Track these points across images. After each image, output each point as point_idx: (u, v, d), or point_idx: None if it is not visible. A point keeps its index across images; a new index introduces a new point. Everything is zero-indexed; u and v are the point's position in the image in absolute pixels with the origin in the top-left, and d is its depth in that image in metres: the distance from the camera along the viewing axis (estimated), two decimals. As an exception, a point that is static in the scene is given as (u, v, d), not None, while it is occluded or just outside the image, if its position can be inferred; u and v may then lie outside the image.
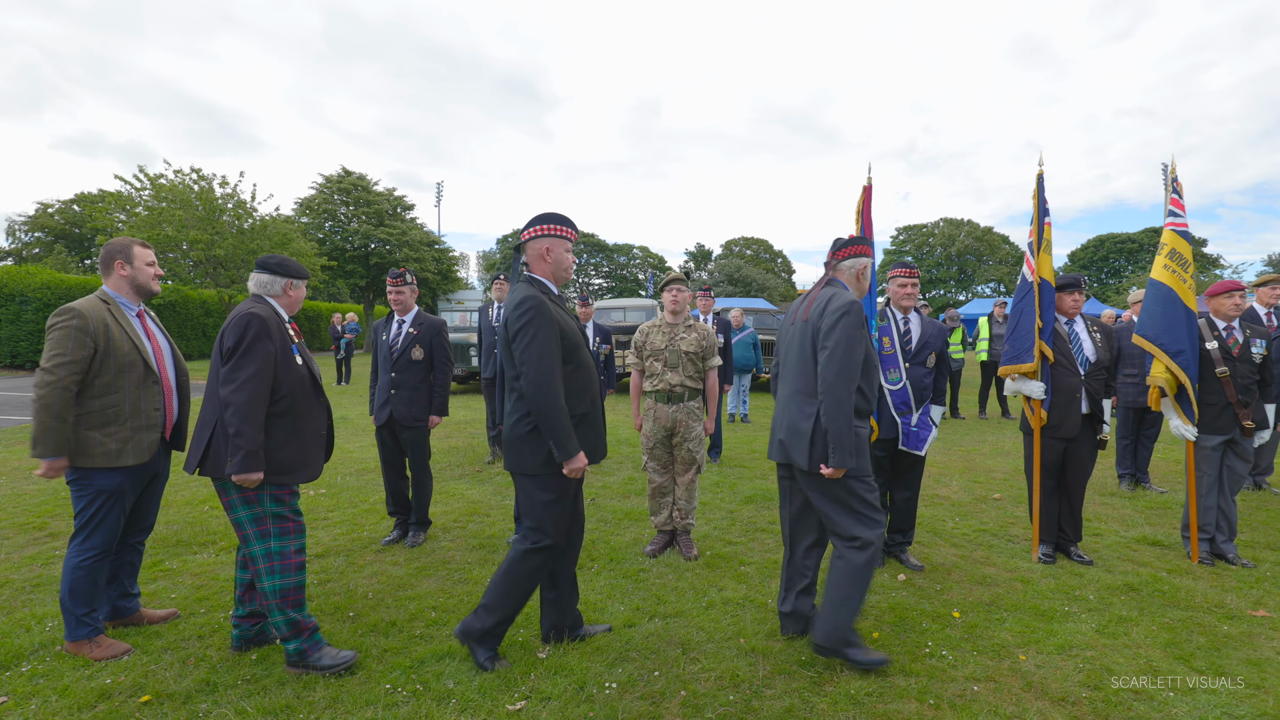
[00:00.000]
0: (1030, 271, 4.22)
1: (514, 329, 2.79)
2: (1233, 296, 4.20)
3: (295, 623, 2.88)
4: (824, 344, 2.85)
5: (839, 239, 3.24)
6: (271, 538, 2.88)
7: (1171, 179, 4.32)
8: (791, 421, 3.02)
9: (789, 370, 3.13)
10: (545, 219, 3.00)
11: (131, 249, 3.15)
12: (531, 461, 2.86)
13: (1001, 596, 3.72)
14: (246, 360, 2.76)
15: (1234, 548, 4.25)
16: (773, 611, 3.51)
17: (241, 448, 2.71)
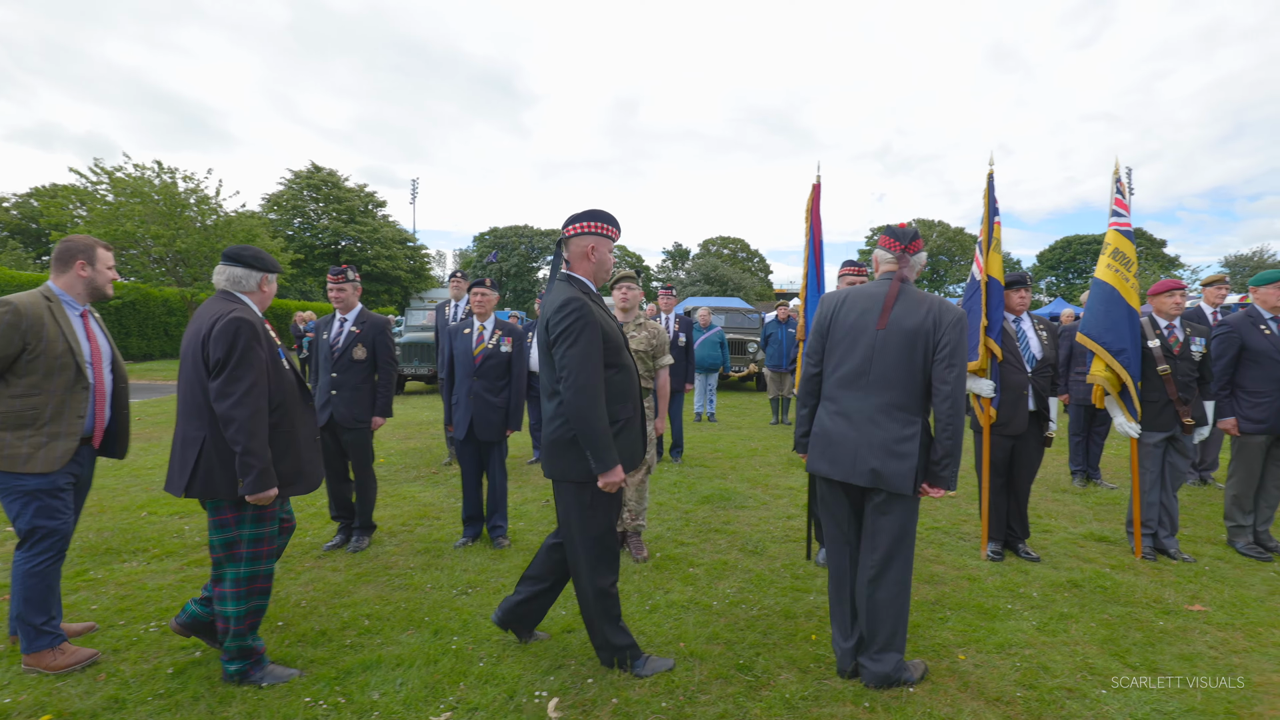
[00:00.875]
0: (979, 270, 4.22)
1: (555, 332, 2.63)
2: (1174, 295, 4.24)
3: (247, 650, 2.78)
4: (951, 360, 2.60)
5: (906, 229, 2.90)
6: (243, 562, 2.75)
7: (1115, 179, 4.35)
8: (886, 441, 2.66)
9: (875, 379, 2.71)
10: (593, 216, 2.84)
11: (95, 250, 3.00)
12: (575, 468, 2.73)
13: (947, 595, 3.71)
14: (242, 371, 2.58)
15: (1175, 543, 4.29)
16: (717, 613, 3.47)
17: (254, 466, 2.57)
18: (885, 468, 2.64)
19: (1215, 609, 3.52)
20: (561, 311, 2.63)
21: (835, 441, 2.78)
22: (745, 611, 3.53)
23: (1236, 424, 4.29)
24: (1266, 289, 4.28)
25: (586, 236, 2.83)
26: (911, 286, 2.82)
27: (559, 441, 2.74)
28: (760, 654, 3.09)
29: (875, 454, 2.66)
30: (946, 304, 2.70)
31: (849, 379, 2.77)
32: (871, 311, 2.77)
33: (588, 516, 2.78)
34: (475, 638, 3.23)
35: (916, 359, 2.65)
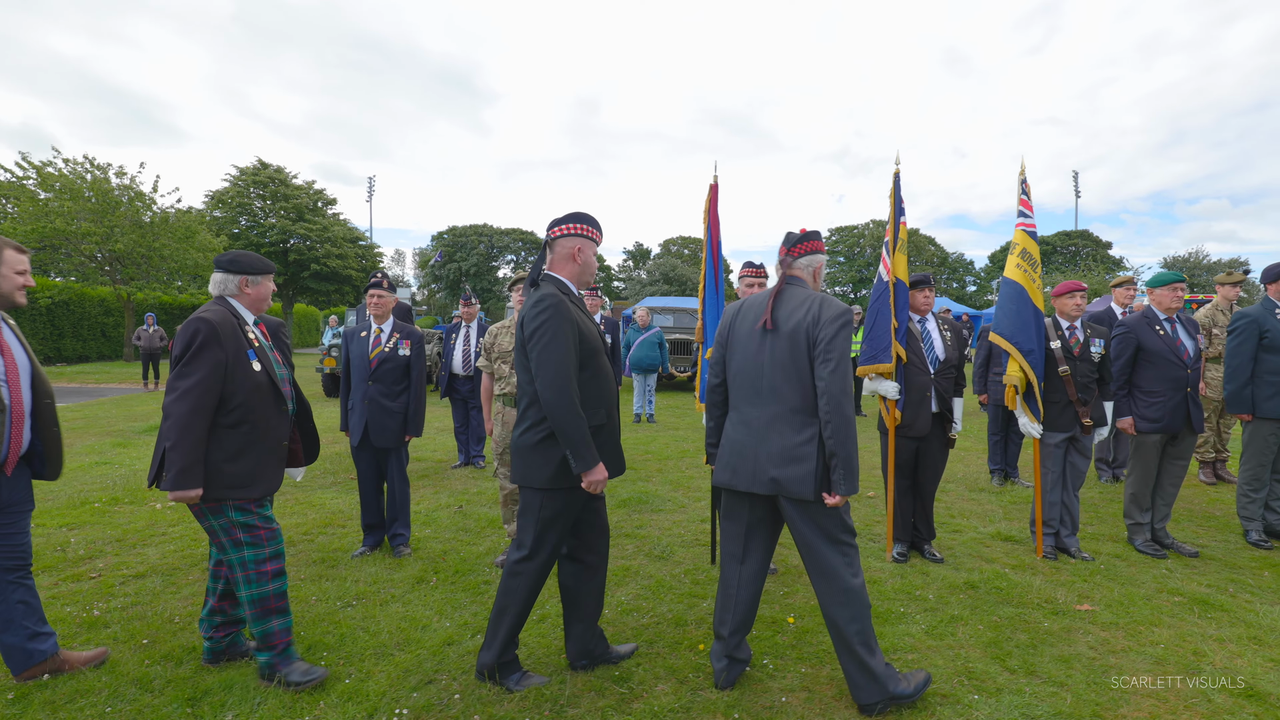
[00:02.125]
0: (886, 271, 4.21)
1: (530, 329, 2.59)
2: (1074, 297, 4.29)
3: (272, 633, 2.77)
4: (826, 355, 2.51)
5: (791, 234, 2.91)
6: (245, 547, 2.73)
7: (1021, 180, 4.39)
8: (785, 447, 2.59)
9: (767, 387, 2.66)
10: (581, 219, 2.83)
11: (1, 251, 2.71)
12: (541, 474, 2.66)
13: (844, 599, 3.67)
14: (190, 369, 2.56)
15: (1076, 541, 4.34)
16: (607, 622, 3.37)
17: (175, 464, 2.51)
18: (783, 474, 2.58)
19: (1103, 608, 3.55)
20: (536, 307, 2.59)
21: (737, 451, 2.72)
22: (636, 620, 3.45)
23: (1133, 423, 4.36)
24: (1161, 291, 4.36)
25: (573, 238, 2.81)
26: (797, 288, 2.76)
27: (526, 445, 2.69)
28: (642, 664, 3.01)
29: (774, 461, 2.60)
30: (829, 300, 2.63)
31: (745, 387, 2.74)
32: (758, 317, 2.75)
33: (548, 524, 2.72)
34: (350, 653, 3.09)
35: (801, 361, 2.58)
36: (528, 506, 2.75)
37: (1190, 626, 3.34)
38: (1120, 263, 45.00)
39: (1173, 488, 4.44)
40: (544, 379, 2.55)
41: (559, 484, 2.67)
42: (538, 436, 2.66)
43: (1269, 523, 4.62)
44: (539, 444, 2.66)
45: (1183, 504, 5.51)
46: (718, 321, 3.90)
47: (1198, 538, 4.69)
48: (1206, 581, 3.89)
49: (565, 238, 2.81)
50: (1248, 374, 4.53)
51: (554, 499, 2.70)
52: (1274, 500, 4.62)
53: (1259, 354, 4.51)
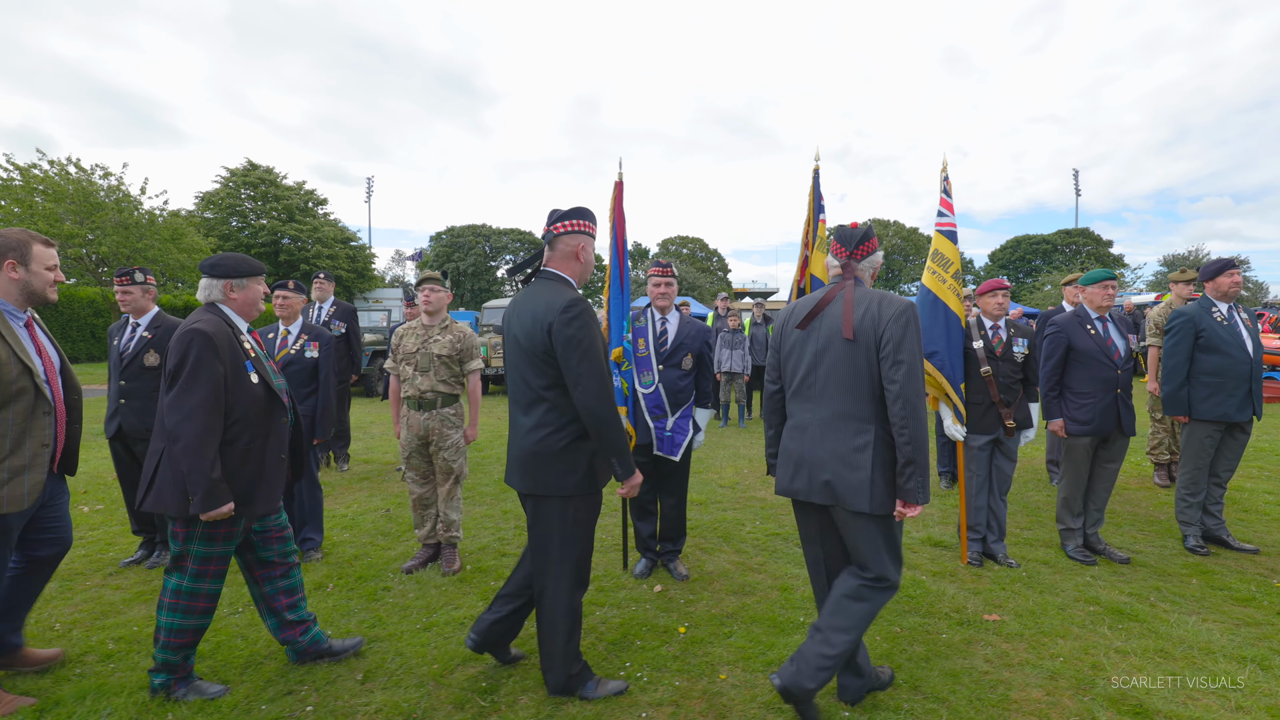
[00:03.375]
0: (799, 271, 4.09)
1: (564, 336, 2.44)
2: (996, 295, 4.16)
3: (172, 665, 2.67)
4: (897, 358, 2.35)
5: (847, 231, 2.65)
6: (187, 577, 2.64)
7: (943, 177, 4.26)
8: (839, 453, 2.44)
9: (820, 390, 2.52)
10: (584, 214, 2.69)
11: (29, 247, 2.62)
12: (566, 481, 2.55)
13: (747, 608, 3.56)
14: (192, 385, 2.46)
15: (1004, 548, 4.21)
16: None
17: (201, 485, 2.45)
18: (839, 482, 2.43)
19: (1012, 618, 3.42)
20: (569, 313, 2.46)
21: (794, 460, 2.59)
22: (526, 627, 3.33)
23: (1064, 426, 4.22)
24: (1093, 289, 4.22)
25: (577, 235, 2.67)
26: (863, 289, 2.57)
27: (547, 453, 2.55)
28: (514, 675, 2.91)
29: (828, 468, 2.46)
30: (889, 297, 2.47)
31: (800, 391, 2.61)
32: (813, 319, 2.59)
33: (572, 533, 2.61)
34: (221, 661, 3.01)
35: (859, 362, 2.42)
36: (551, 519, 2.59)
37: (1097, 638, 3.21)
38: (1120, 261, 44.61)
39: (1105, 491, 4.30)
40: (588, 389, 2.44)
41: (586, 488, 2.58)
42: (563, 440, 2.54)
43: (1208, 528, 4.48)
44: (565, 449, 2.54)
45: (1130, 507, 5.37)
46: (622, 320, 3.79)
47: (1135, 543, 4.55)
48: (1129, 590, 3.76)
49: (570, 235, 2.66)
50: (1183, 375, 4.39)
51: (583, 504, 2.61)
52: (1212, 505, 4.48)
53: (1195, 354, 4.37)
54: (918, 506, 2.39)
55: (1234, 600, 3.64)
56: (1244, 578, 3.93)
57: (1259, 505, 5.36)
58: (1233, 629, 3.31)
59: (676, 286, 4.01)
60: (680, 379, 3.88)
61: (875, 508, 2.38)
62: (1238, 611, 3.50)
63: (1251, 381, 4.24)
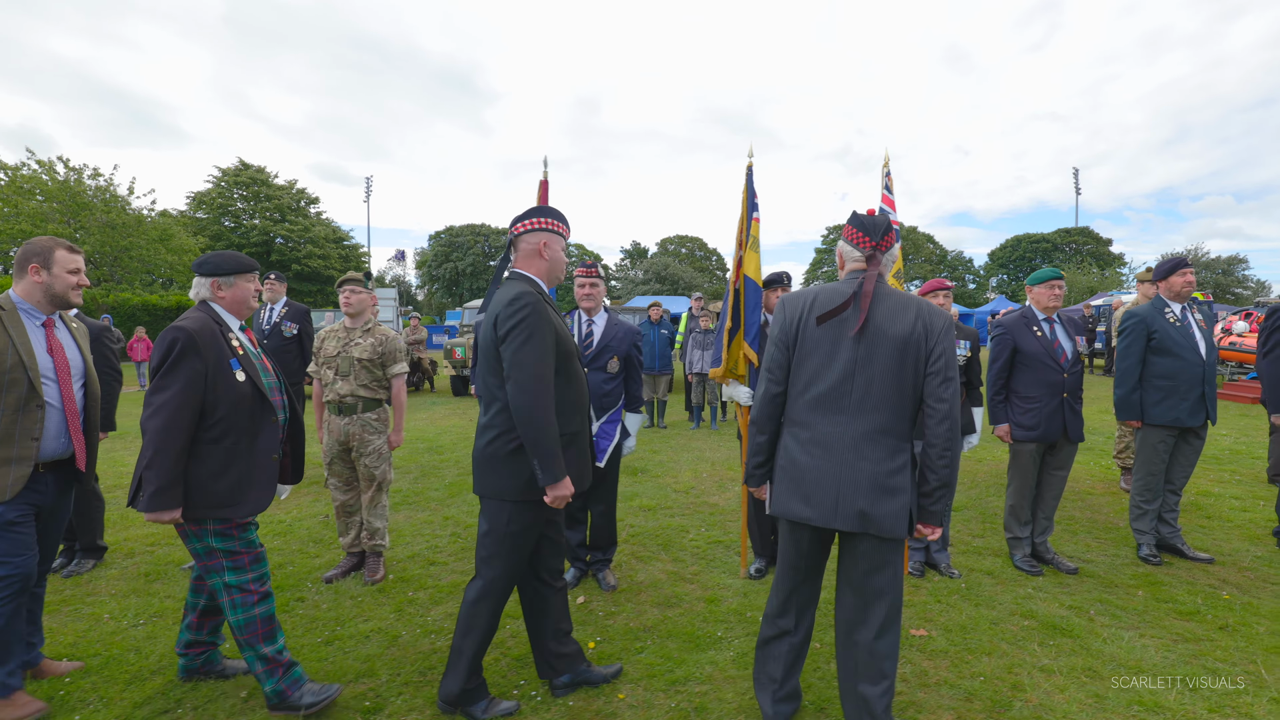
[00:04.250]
0: (734, 270, 3.95)
1: (505, 328, 2.39)
2: (937, 296, 4.02)
3: (267, 659, 2.60)
4: (947, 374, 2.19)
5: (869, 219, 2.42)
6: (226, 571, 2.59)
7: (884, 172, 4.12)
8: (875, 475, 2.21)
9: (856, 401, 2.24)
10: (545, 212, 2.67)
11: (52, 252, 2.72)
12: (512, 484, 2.48)
13: (668, 621, 3.43)
14: (166, 381, 2.44)
15: (947, 557, 4.07)
16: (403, 644, 3.16)
17: (151, 483, 2.39)
18: (875, 509, 2.19)
19: (940, 633, 3.28)
20: (513, 306, 2.39)
21: (811, 478, 2.27)
22: (433, 642, 3.21)
23: (1009, 431, 4.08)
24: (1039, 288, 4.08)
25: (538, 233, 2.63)
26: (889, 286, 2.39)
27: (494, 455, 2.48)
28: (405, 692, 2.79)
29: (862, 492, 2.20)
30: (933, 307, 2.31)
31: (825, 400, 2.28)
32: (844, 318, 2.29)
33: (508, 540, 2.53)
34: (107, 676, 2.91)
35: (906, 374, 2.21)
36: (494, 522, 2.54)
37: (1024, 655, 3.07)
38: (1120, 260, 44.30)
39: (1053, 499, 4.15)
40: (518, 382, 2.35)
41: (530, 495, 2.48)
42: (510, 445, 2.46)
43: (1162, 536, 4.33)
44: (511, 454, 2.46)
45: (1090, 513, 5.22)
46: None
47: (1088, 551, 4.40)
48: (1071, 602, 3.61)
49: (529, 233, 2.63)
50: (1136, 378, 4.24)
51: (525, 512, 2.52)
52: (1167, 512, 4.33)
53: (1147, 356, 4.22)
54: (939, 529, 2.28)
55: (1177, 614, 3.49)
56: (1193, 589, 3.79)
57: (1223, 511, 5.20)
58: (1170, 645, 3.17)
59: (603, 287, 3.88)
60: (605, 382, 3.74)
61: (910, 533, 2.24)
62: (1179, 626, 3.36)
63: (1204, 385, 4.09)
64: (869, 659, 2.31)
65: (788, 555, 2.46)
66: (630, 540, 4.66)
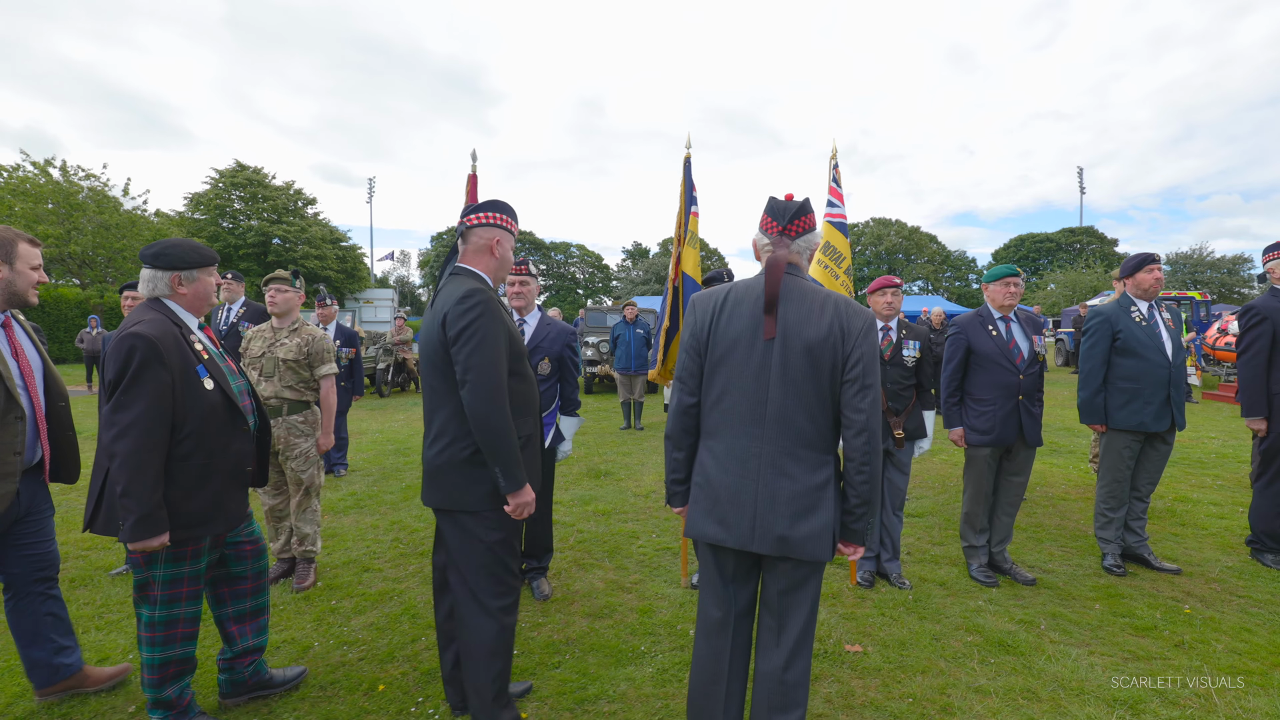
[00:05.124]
0: (673, 268, 3.80)
1: (456, 328, 2.22)
2: (885, 294, 3.84)
3: (168, 702, 2.43)
4: (865, 381, 1.96)
5: (780, 202, 2.17)
6: (159, 605, 2.37)
7: (832, 164, 3.95)
8: (795, 494, 2.00)
9: (773, 413, 2.02)
10: (497, 207, 2.50)
11: (15, 245, 2.47)
12: (475, 494, 2.30)
13: (594, 633, 3.28)
14: (131, 398, 2.18)
15: (898, 566, 3.90)
16: (315, 656, 3.01)
17: (132, 511, 2.17)
18: (794, 531, 1.98)
19: (877, 649, 3.12)
20: (465, 304, 2.23)
21: (725, 497, 2.05)
22: (344, 655, 3.07)
23: (964, 435, 3.90)
24: (994, 286, 3.90)
25: (491, 229, 2.47)
26: (801, 280, 2.10)
27: (452, 463, 2.29)
28: (300, 707, 2.65)
29: (781, 514, 2.00)
30: (852, 305, 2.05)
31: (739, 411, 2.05)
32: (758, 320, 2.06)
33: (494, 550, 2.34)
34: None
35: (823, 381, 1.99)
36: (467, 539, 2.31)
37: (962, 674, 2.90)
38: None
39: (1011, 507, 3.97)
40: (475, 387, 2.19)
41: (499, 503, 2.32)
42: (465, 452, 2.28)
43: (1128, 545, 4.14)
44: (469, 460, 2.28)
45: (1060, 519, 5.03)
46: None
47: (1051, 560, 4.22)
48: (1022, 616, 3.43)
49: (481, 228, 2.46)
50: (1100, 379, 4.05)
51: (496, 520, 2.34)
52: (1134, 520, 4.14)
53: (1112, 358, 4.04)
54: (861, 548, 2.07)
55: (1133, 629, 3.31)
56: (1154, 602, 3.60)
57: (1199, 519, 5.00)
58: (1120, 664, 2.99)
59: (536, 285, 3.73)
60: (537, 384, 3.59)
61: (832, 554, 2.04)
62: (1133, 643, 3.18)
63: (1170, 388, 3.90)
64: (779, 688, 2.10)
65: (712, 583, 2.18)
66: (577, 546, 4.51)
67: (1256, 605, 3.57)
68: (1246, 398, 4.11)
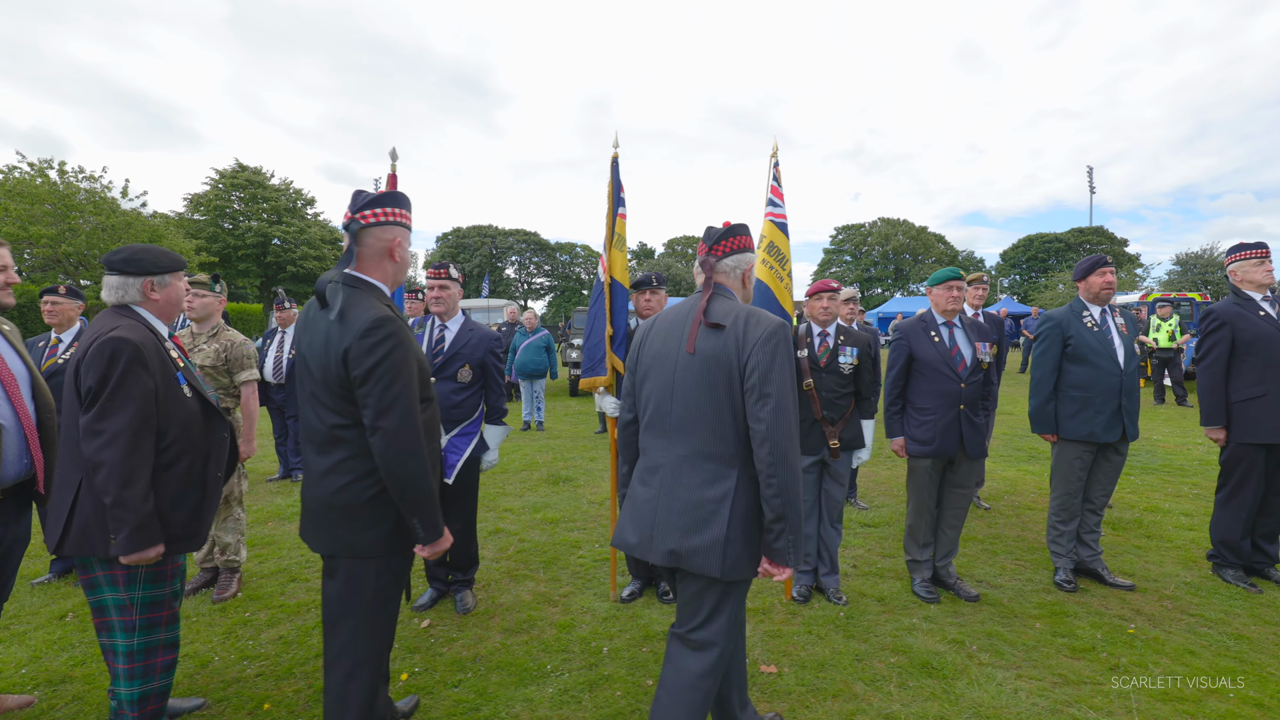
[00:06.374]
0: (603, 271, 3.68)
1: (364, 366, 1.94)
2: (822, 298, 3.70)
3: None
4: (763, 390, 1.92)
5: (713, 228, 2.25)
6: (136, 631, 2.25)
7: (773, 162, 3.82)
8: (690, 504, 1.99)
9: (675, 423, 2.06)
10: (398, 200, 2.16)
11: None
12: (371, 539, 2.05)
13: (505, 650, 3.17)
14: (117, 404, 2.10)
15: (835, 581, 3.76)
16: (212, 671, 2.93)
17: (127, 521, 2.08)
18: (684, 544, 1.97)
19: (793, 670, 2.98)
20: (371, 338, 1.94)
21: (636, 507, 2.12)
22: (243, 669, 2.98)
23: (904, 445, 3.76)
24: (937, 290, 3.75)
25: (391, 228, 2.13)
26: (724, 298, 2.13)
27: (346, 505, 2.04)
28: (174, 735, 2.55)
29: (675, 525, 2.00)
30: (758, 314, 2.04)
31: (654, 424, 2.12)
32: (673, 336, 2.12)
33: (373, 605, 2.10)
34: None
35: (719, 392, 1.98)
36: (353, 585, 2.08)
37: (876, 700, 2.76)
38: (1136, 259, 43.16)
39: (955, 520, 3.81)
40: (388, 432, 1.93)
41: (396, 549, 2.09)
42: (367, 494, 2.03)
43: (1081, 559, 3.98)
44: (369, 502, 2.03)
45: (1020, 530, 4.85)
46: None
47: (1002, 575, 4.06)
48: (956, 635, 3.29)
49: (380, 227, 2.11)
50: (1050, 387, 3.90)
51: (390, 567, 2.12)
52: (1087, 533, 3.98)
53: (1063, 364, 3.88)
54: (788, 569, 1.97)
55: (1070, 651, 3.16)
56: (1099, 621, 3.44)
57: (1166, 530, 4.82)
58: (1047, 689, 2.84)
59: (457, 290, 3.62)
60: (455, 393, 3.48)
61: (726, 572, 1.95)
62: (1066, 665, 3.03)
63: (1122, 397, 3.74)
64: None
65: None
66: (515, 556, 4.40)
67: (1206, 625, 3.40)
68: (1205, 406, 3.94)
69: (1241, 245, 3.95)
